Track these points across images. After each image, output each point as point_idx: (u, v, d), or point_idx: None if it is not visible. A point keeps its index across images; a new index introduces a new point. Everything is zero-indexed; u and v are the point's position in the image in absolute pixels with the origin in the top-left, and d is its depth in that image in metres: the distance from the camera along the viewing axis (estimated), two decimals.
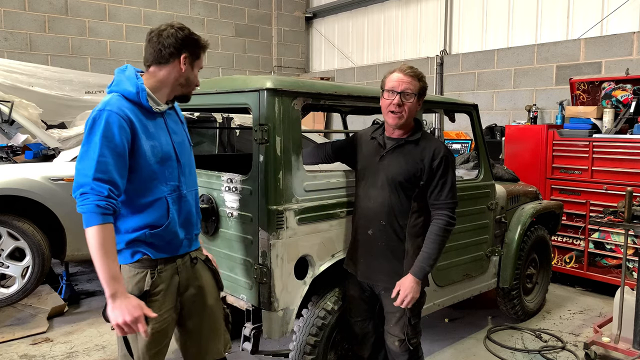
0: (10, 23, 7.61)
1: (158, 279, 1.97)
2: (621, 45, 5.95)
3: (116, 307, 1.76)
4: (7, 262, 3.90)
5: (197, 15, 9.48)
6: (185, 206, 2.06)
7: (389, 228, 2.42)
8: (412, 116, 2.40)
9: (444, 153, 2.38)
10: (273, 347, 3.17)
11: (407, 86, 2.32)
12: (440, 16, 8.28)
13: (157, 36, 1.95)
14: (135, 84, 1.91)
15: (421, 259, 2.35)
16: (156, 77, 1.98)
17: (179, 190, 2.02)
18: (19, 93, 4.88)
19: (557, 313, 4.39)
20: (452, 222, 2.38)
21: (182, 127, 2.13)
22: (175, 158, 2.01)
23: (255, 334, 2.57)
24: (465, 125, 6.20)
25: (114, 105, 1.85)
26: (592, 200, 4.80)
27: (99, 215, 1.74)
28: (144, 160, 1.89)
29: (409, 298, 2.32)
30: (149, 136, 1.92)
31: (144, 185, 1.92)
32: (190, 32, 1.99)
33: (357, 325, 2.63)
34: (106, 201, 1.75)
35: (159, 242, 1.96)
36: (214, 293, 2.20)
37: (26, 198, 3.88)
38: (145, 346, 1.96)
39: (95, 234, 1.73)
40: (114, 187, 1.79)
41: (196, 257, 2.16)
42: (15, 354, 3.49)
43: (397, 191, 2.40)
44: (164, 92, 2.00)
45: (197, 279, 2.13)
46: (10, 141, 4.69)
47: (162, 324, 1.98)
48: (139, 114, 1.91)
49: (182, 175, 2.05)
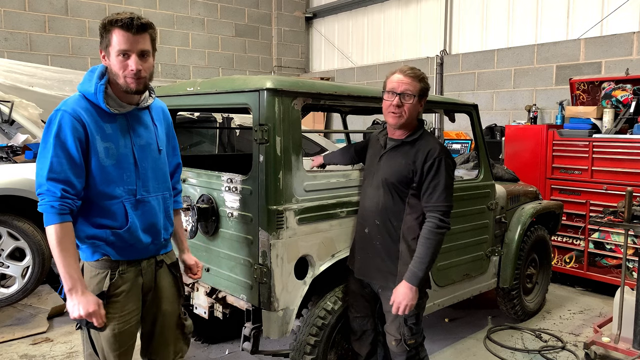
0: (10, 23, 7.61)
1: (119, 280, 1.96)
2: (621, 45, 5.95)
3: (73, 302, 1.83)
4: (7, 262, 3.91)
5: (197, 15, 9.48)
6: (148, 211, 2.00)
7: (383, 228, 2.43)
8: (413, 117, 2.40)
9: (437, 155, 2.34)
10: (273, 347, 3.17)
11: (407, 87, 2.32)
12: (440, 16, 8.28)
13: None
14: (95, 84, 1.87)
15: (413, 264, 2.32)
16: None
17: (137, 194, 1.97)
18: (19, 93, 4.88)
19: (557, 313, 4.39)
20: (442, 225, 2.32)
21: (152, 130, 2.05)
22: (132, 161, 1.96)
23: (255, 334, 2.57)
24: (465, 125, 6.20)
25: (69, 106, 1.85)
26: (592, 200, 4.80)
27: (54, 215, 1.78)
28: (98, 161, 1.88)
29: (403, 305, 2.31)
30: (105, 137, 1.89)
31: (101, 186, 1.90)
32: (103, 20, 1.86)
33: (356, 322, 2.64)
34: (60, 202, 1.79)
35: (120, 243, 1.95)
36: (170, 299, 2.16)
37: (26, 198, 3.87)
38: (110, 346, 1.97)
39: (53, 232, 1.79)
40: (68, 187, 1.81)
41: (162, 260, 2.14)
42: (15, 354, 3.49)
43: (390, 192, 2.41)
44: (119, 91, 1.91)
45: (157, 281, 2.12)
46: (10, 141, 4.68)
47: (124, 324, 1.99)
48: (95, 114, 1.88)
49: (141, 179, 1.98)
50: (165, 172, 2.12)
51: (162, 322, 2.15)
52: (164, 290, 2.14)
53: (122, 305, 1.97)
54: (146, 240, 2.01)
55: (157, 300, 2.12)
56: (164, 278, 2.14)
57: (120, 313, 1.96)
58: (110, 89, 1.91)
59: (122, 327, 1.97)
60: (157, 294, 2.12)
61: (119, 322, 1.96)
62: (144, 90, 1.97)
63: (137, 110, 2.00)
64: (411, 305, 2.32)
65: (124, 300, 1.98)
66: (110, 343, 1.96)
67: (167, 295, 2.15)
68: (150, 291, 2.10)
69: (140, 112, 2.02)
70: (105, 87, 1.89)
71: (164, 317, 2.15)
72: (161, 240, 2.09)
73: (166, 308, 2.15)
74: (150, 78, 1.95)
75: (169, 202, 2.13)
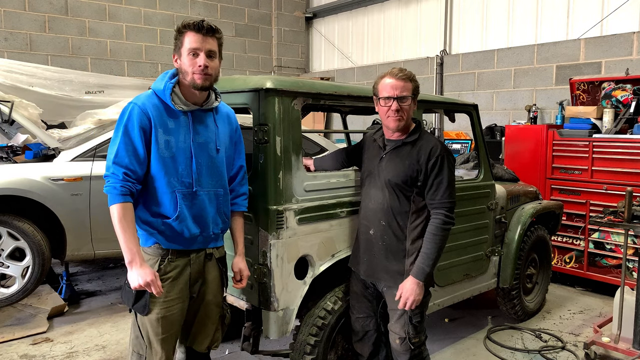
0: (10, 23, 7.61)
1: (168, 267, 2.11)
2: (621, 45, 5.95)
3: (132, 273, 1.99)
4: (7, 262, 3.90)
5: (197, 16, 9.47)
6: (198, 204, 2.13)
7: (389, 228, 2.44)
8: (410, 117, 2.43)
9: (439, 152, 2.37)
10: (273, 347, 3.17)
11: (402, 90, 2.35)
12: (440, 16, 8.28)
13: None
14: (166, 83, 2.07)
15: (420, 259, 2.35)
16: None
17: (191, 187, 2.10)
18: (19, 93, 4.87)
19: (557, 313, 4.39)
20: (448, 222, 2.36)
21: (213, 130, 2.18)
22: (189, 156, 2.10)
23: (255, 334, 2.57)
24: (465, 125, 6.20)
25: (140, 100, 2.06)
26: (592, 200, 4.80)
27: (116, 196, 1.97)
28: (158, 152, 2.05)
29: (410, 300, 2.33)
30: (167, 131, 2.06)
31: (158, 175, 2.06)
32: (178, 26, 2.08)
33: (358, 322, 2.64)
34: (122, 183, 1.98)
35: (170, 232, 2.10)
36: (214, 290, 2.29)
37: (26, 198, 3.87)
38: (154, 330, 2.10)
39: (115, 211, 1.98)
40: (129, 171, 2.00)
41: (211, 253, 2.26)
42: (15, 354, 3.50)
43: (395, 192, 2.42)
44: (187, 90, 2.09)
45: (204, 273, 2.24)
46: (10, 141, 4.68)
47: (167, 310, 2.10)
48: (162, 109, 2.07)
49: (197, 174, 2.12)
50: (222, 171, 2.22)
51: (205, 312, 2.28)
52: (210, 282, 2.27)
53: (166, 291, 2.09)
54: (194, 230, 2.14)
55: (202, 291, 2.25)
56: (211, 271, 2.27)
57: (164, 299, 2.09)
58: (179, 88, 2.09)
59: (165, 312, 2.10)
60: (203, 285, 2.25)
61: (162, 307, 2.09)
62: (209, 88, 2.12)
63: (201, 111, 2.15)
64: (418, 300, 2.34)
65: (169, 286, 2.10)
66: (154, 327, 2.10)
67: (212, 287, 2.28)
68: (197, 282, 2.22)
69: (204, 113, 2.16)
70: (174, 86, 2.07)
71: (207, 308, 2.28)
72: (210, 234, 2.20)
73: (210, 299, 2.28)
74: (216, 79, 2.12)
75: (222, 199, 2.23)
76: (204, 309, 2.27)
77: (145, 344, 2.13)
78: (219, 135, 2.20)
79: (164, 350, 2.13)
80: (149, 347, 2.13)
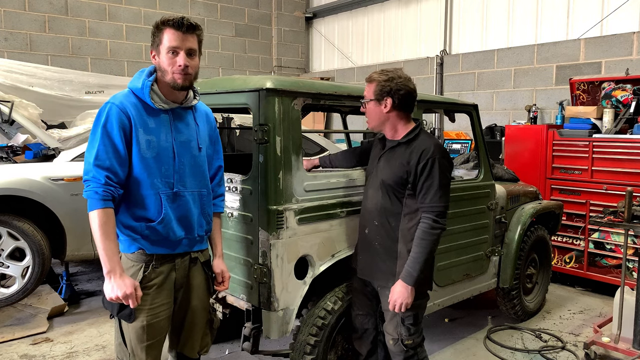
0: (10, 23, 7.61)
1: (152, 274, 2.04)
2: (621, 45, 5.95)
3: (110, 284, 1.91)
4: (7, 262, 3.90)
5: (197, 15, 9.47)
6: (183, 205, 2.08)
7: (382, 228, 2.44)
8: (374, 119, 2.46)
9: (431, 155, 2.31)
10: (273, 347, 3.17)
11: (365, 93, 2.48)
12: (440, 16, 8.28)
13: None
14: (143, 81, 2.00)
15: (408, 263, 2.33)
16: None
17: (173, 187, 2.05)
18: (19, 93, 4.87)
19: (557, 313, 4.39)
20: (436, 226, 2.30)
21: (193, 128, 2.13)
22: (172, 155, 2.04)
23: (255, 334, 2.57)
24: (465, 125, 6.20)
25: (117, 99, 1.99)
26: (592, 200, 4.80)
27: (98, 201, 1.89)
28: (139, 152, 1.98)
29: (399, 303, 2.32)
30: (147, 131, 1.99)
31: (141, 177, 1.99)
32: (156, 22, 2.02)
33: (357, 319, 2.64)
34: (103, 188, 1.90)
35: (154, 236, 2.03)
36: (200, 295, 2.24)
37: (26, 198, 3.87)
38: (138, 338, 2.03)
39: (95, 217, 1.89)
40: (112, 174, 1.92)
41: (196, 257, 2.20)
42: (15, 354, 3.49)
43: (387, 193, 2.42)
44: (165, 87, 2.03)
45: (189, 277, 2.18)
46: (10, 141, 4.68)
47: (153, 317, 2.04)
48: (141, 109, 2.00)
49: (179, 173, 2.06)
50: (204, 170, 2.19)
51: (192, 317, 2.23)
52: (196, 287, 2.21)
53: (152, 298, 2.04)
54: (179, 233, 2.08)
55: (188, 296, 2.19)
56: (196, 276, 2.21)
57: (150, 306, 2.03)
58: (157, 86, 2.03)
59: (150, 319, 2.04)
60: (188, 290, 2.19)
61: (147, 315, 2.03)
62: (189, 87, 2.07)
63: (180, 109, 2.10)
64: (407, 303, 2.32)
65: (155, 293, 2.05)
66: (139, 335, 2.03)
67: (198, 292, 2.22)
68: (182, 287, 2.17)
69: (183, 110, 2.11)
70: (152, 84, 2.01)
71: (194, 313, 2.23)
72: (195, 236, 2.15)
73: (196, 304, 2.22)
74: (195, 77, 2.06)
75: (205, 200, 2.19)
76: (191, 315, 2.22)
77: (129, 351, 2.07)
78: (200, 134, 2.16)
79: (150, 357, 2.07)
80: (132, 355, 2.06)
